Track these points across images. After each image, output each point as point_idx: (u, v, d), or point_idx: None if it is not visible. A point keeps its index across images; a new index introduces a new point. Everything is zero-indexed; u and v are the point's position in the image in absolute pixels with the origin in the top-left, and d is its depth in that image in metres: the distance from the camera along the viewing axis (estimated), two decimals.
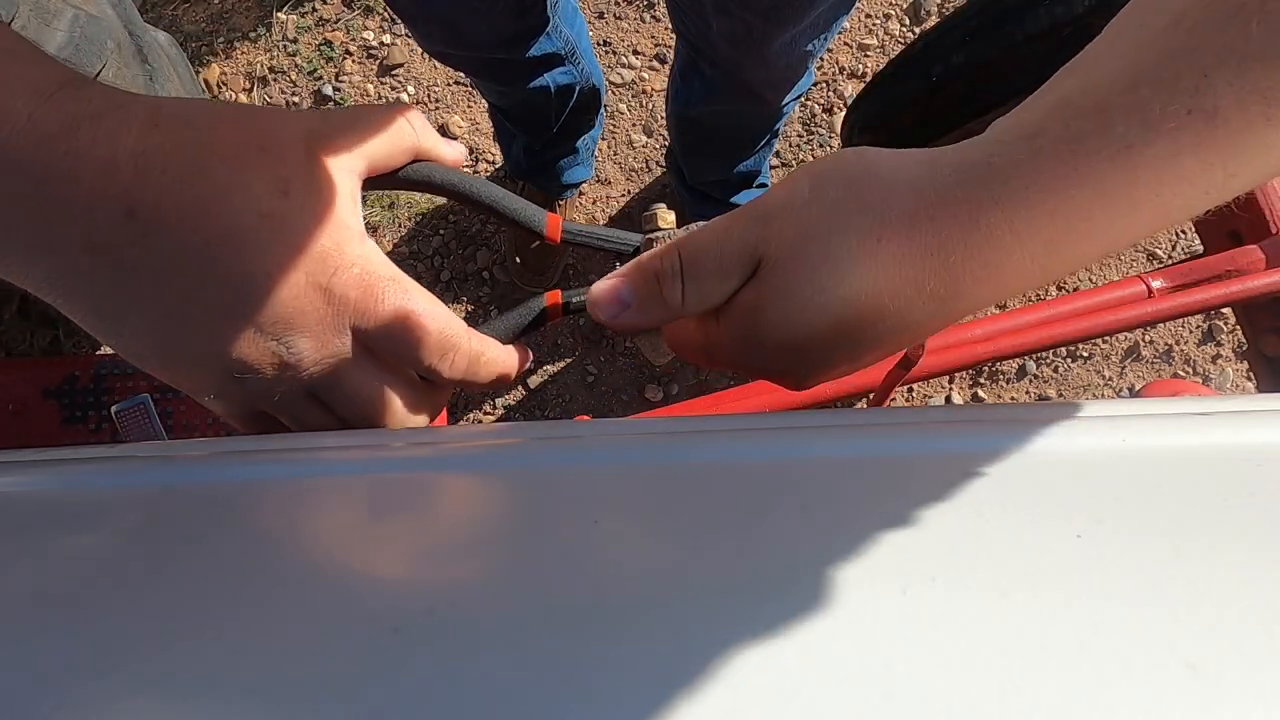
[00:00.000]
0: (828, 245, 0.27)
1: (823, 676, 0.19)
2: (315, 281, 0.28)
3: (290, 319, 0.28)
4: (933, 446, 0.29)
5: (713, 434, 0.30)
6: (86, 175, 0.25)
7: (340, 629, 0.21)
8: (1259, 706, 0.18)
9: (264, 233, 0.27)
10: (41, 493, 0.30)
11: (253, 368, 0.29)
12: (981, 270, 0.26)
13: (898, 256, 0.26)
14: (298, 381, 0.30)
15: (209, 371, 0.29)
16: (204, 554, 0.25)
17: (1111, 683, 0.18)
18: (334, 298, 0.29)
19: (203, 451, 0.33)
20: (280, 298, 0.28)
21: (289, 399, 0.31)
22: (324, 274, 0.29)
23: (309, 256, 0.28)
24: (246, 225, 0.27)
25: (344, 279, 0.29)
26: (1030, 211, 0.24)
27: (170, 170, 0.26)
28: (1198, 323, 1.38)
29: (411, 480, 0.30)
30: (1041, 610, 0.20)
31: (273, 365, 0.29)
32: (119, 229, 0.26)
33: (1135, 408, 0.31)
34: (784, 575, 0.22)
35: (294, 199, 0.28)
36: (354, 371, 0.31)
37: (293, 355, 0.29)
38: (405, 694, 0.19)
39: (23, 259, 0.26)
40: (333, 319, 0.29)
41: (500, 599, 0.22)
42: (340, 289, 0.29)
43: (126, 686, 0.20)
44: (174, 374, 0.30)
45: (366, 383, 0.31)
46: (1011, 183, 0.24)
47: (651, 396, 1.34)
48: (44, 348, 1.30)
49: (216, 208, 0.27)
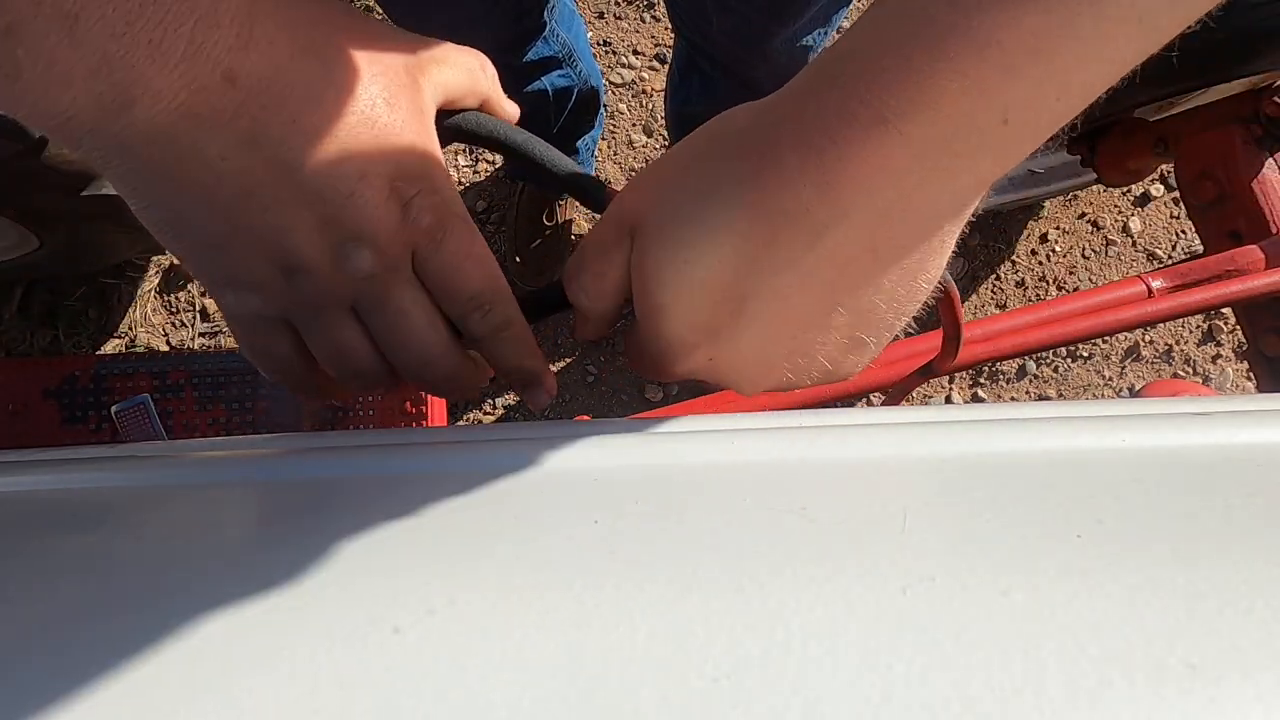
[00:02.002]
0: (678, 201, 0.27)
1: (822, 676, 0.19)
2: (398, 196, 0.28)
3: (362, 226, 0.28)
4: (932, 447, 0.29)
5: (713, 434, 0.30)
6: (182, 23, 0.23)
7: (340, 629, 0.21)
8: (1259, 706, 0.18)
9: (363, 135, 0.27)
10: (41, 492, 0.30)
11: (309, 265, 0.28)
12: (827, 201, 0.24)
13: (748, 201, 0.25)
14: (346, 290, 0.30)
15: (263, 258, 0.28)
16: (203, 553, 0.25)
17: (1111, 683, 0.18)
18: (410, 217, 0.29)
19: (203, 452, 0.33)
20: (360, 203, 0.27)
21: (330, 311, 0.30)
22: (408, 192, 0.28)
23: (399, 171, 0.28)
24: (347, 124, 0.27)
25: (424, 202, 0.29)
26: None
27: (279, 42, 0.25)
28: (1198, 323, 1.38)
29: (412, 479, 0.30)
30: (1041, 610, 0.20)
31: (330, 266, 0.28)
32: (213, 93, 0.24)
33: (1135, 408, 0.31)
34: (783, 575, 0.22)
35: (396, 112, 0.28)
36: (403, 290, 0.31)
37: (353, 261, 0.28)
38: (405, 693, 0.19)
39: (96, 118, 0.23)
40: (403, 237, 0.29)
41: (501, 599, 0.22)
42: (417, 211, 0.29)
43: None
44: (223, 254, 0.28)
45: (409, 307, 0.31)
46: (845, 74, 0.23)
47: (651, 396, 1.34)
48: (44, 348, 1.30)
49: (325, 94, 0.26)
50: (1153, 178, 1.39)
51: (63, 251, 1.10)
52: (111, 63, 0.22)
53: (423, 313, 0.31)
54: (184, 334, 1.34)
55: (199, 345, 1.34)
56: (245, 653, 0.20)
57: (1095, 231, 1.40)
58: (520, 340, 0.34)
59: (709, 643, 0.20)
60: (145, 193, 0.27)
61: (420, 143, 0.29)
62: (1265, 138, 0.80)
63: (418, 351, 0.32)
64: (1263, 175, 0.80)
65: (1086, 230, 1.40)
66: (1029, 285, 1.39)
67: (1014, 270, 1.39)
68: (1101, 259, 1.40)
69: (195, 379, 0.88)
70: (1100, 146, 0.90)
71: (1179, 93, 0.75)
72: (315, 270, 0.28)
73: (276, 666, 0.20)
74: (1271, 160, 0.80)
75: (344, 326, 0.31)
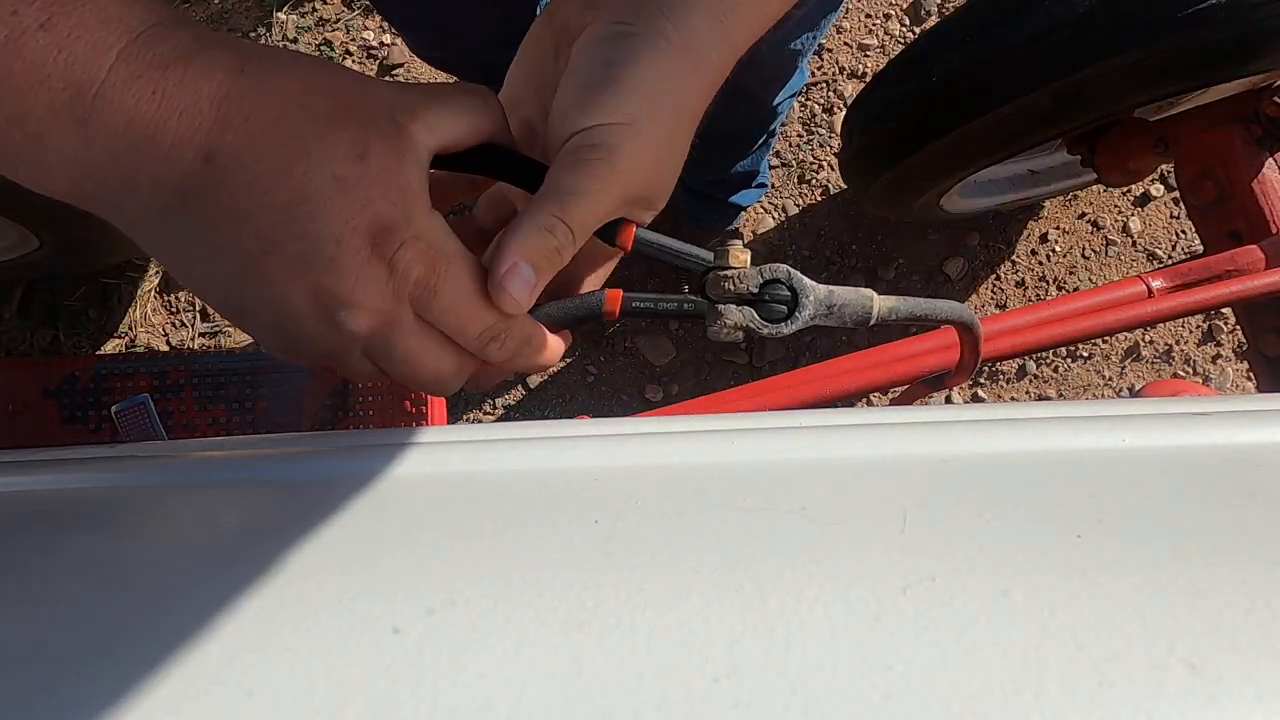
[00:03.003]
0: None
1: (823, 676, 0.19)
2: (380, 253, 0.29)
3: (349, 290, 0.29)
4: (932, 447, 0.29)
5: (713, 434, 0.30)
6: (171, 117, 0.26)
7: (340, 629, 0.21)
8: (1259, 706, 0.18)
9: (336, 196, 0.27)
10: (41, 492, 0.30)
11: (309, 334, 0.30)
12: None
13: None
14: (353, 344, 0.31)
15: (270, 327, 0.30)
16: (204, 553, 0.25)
17: (1111, 683, 0.18)
18: (396, 272, 0.29)
19: (203, 452, 0.33)
20: (341, 268, 0.28)
21: (343, 355, 0.32)
22: (389, 246, 0.29)
23: (377, 226, 0.28)
24: (320, 187, 0.27)
25: (408, 254, 0.29)
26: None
27: (253, 119, 0.26)
28: (1198, 323, 1.38)
29: (412, 479, 0.30)
30: (1041, 610, 0.20)
31: (328, 330, 0.30)
32: (198, 176, 0.26)
33: (1135, 408, 0.31)
34: (783, 575, 0.22)
35: (371, 164, 0.28)
36: (408, 339, 0.31)
37: (348, 326, 0.29)
38: (405, 692, 0.19)
39: (110, 200, 0.27)
40: (393, 292, 0.29)
41: (501, 599, 0.22)
42: (404, 264, 0.29)
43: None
44: (239, 322, 0.31)
45: (417, 350, 0.32)
46: None
47: (651, 396, 1.34)
48: (44, 348, 1.30)
49: (294, 163, 0.27)
50: (1153, 178, 1.39)
51: (63, 251, 1.10)
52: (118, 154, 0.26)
53: (428, 353, 0.32)
54: (184, 334, 1.34)
55: (199, 345, 1.34)
56: (245, 652, 0.20)
57: (1095, 231, 1.40)
58: (539, 349, 0.34)
59: (709, 643, 0.20)
60: (173, 270, 0.30)
61: (397, 191, 0.29)
62: (1265, 138, 0.80)
63: (433, 383, 0.33)
64: (1263, 175, 0.80)
65: (1086, 230, 1.40)
66: (1029, 285, 1.39)
67: (1014, 270, 1.39)
68: (1101, 259, 1.40)
69: (195, 379, 0.88)
70: (1100, 146, 0.90)
71: (1179, 93, 0.75)
72: (317, 337, 0.30)
73: (277, 666, 0.20)
74: (1271, 160, 0.80)
75: (362, 365, 0.32)
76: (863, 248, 1.37)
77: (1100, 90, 0.74)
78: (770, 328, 0.34)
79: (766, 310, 0.35)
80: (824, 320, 0.35)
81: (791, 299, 0.35)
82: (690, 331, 1.32)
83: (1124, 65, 0.71)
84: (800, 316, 0.35)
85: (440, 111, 0.31)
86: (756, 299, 0.35)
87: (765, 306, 0.35)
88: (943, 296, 1.36)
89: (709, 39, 0.32)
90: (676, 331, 1.33)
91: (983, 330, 0.44)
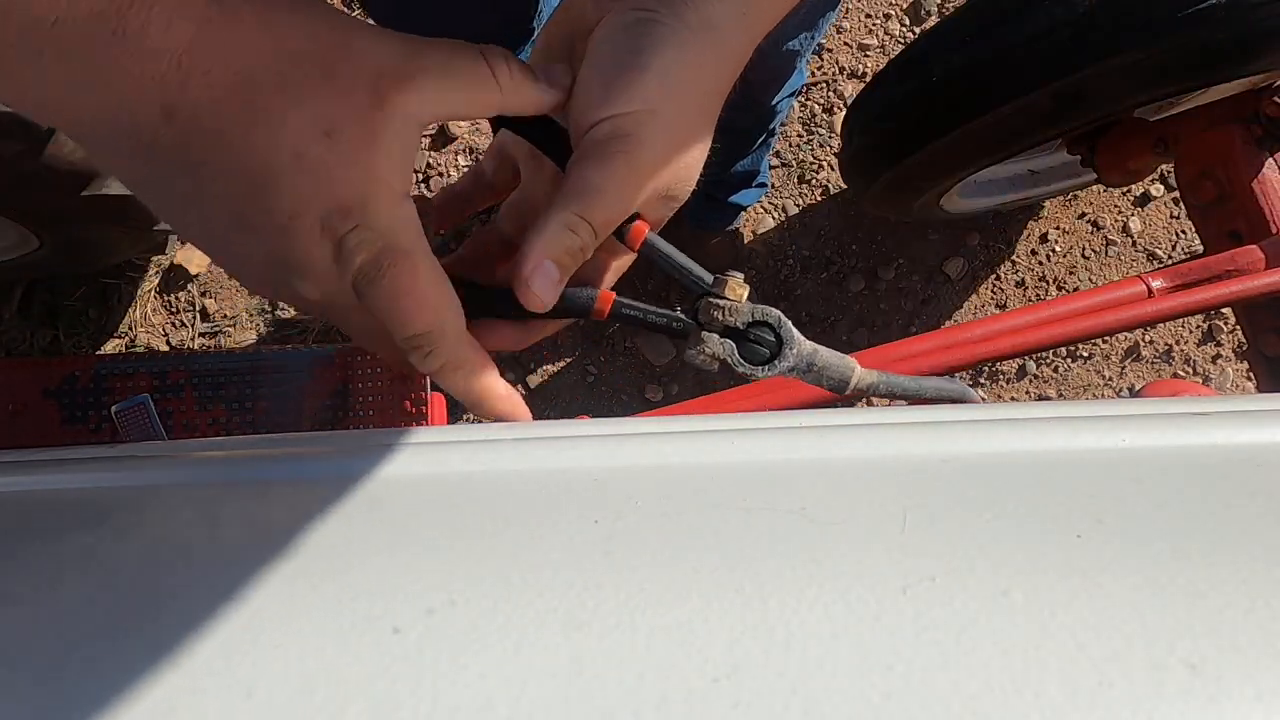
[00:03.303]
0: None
1: (823, 676, 0.19)
2: (330, 232, 0.28)
3: (299, 262, 0.28)
4: (932, 447, 0.29)
5: (713, 434, 0.30)
6: (130, 63, 0.23)
7: (340, 629, 0.21)
8: (1259, 706, 0.18)
9: (293, 174, 0.26)
10: (41, 492, 0.30)
11: (271, 293, 0.31)
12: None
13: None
14: (313, 308, 0.31)
15: (245, 276, 0.31)
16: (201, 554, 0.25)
17: (1111, 683, 0.18)
18: (342, 255, 0.28)
19: (203, 452, 0.33)
20: (293, 241, 0.27)
21: (316, 312, 0.32)
22: (341, 227, 0.28)
23: (332, 207, 0.27)
24: (278, 161, 0.26)
25: (356, 239, 0.28)
26: None
27: (215, 74, 0.25)
28: (1198, 323, 1.38)
29: (412, 479, 0.30)
30: (1041, 610, 0.20)
31: (286, 295, 0.30)
32: (156, 129, 0.25)
33: (1135, 408, 0.31)
34: (783, 575, 0.22)
35: (337, 143, 0.27)
36: (351, 315, 0.31)
37: (298, 291, 0.29)
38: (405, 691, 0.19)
39: (89, 139, 0.26)
40: (337, 272, 0.29)
41: (501, 599, 0.22)
42: (350, 248, 0.28)
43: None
44: (222, 266, 0.31)
45: (361, 328, 0.32)
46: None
47: (651, 396, 1.34)
48: (44, 348, 1.30)
49: (254, 132, 0.26)
50: (1153, 178, 1.39)
51: (63, 251, 1.10)
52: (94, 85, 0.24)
53: (371, 335, 0.32)
54: (184, 334, 1.34)
55: (199, 345, 1.34)
56: (244, 652, 0.20)
57: (1095, 231, 1.40)
58: (476, 375, 0.33)
59: (709, 643, 0.20)
60: (156, 212, 0.29)
61: (360, 174, 0.27)
62: (1265, 138, 0.80)
63: (389, 356, 0.33)
64: (1263, 175, 0.80)
65: (1086, 230, 1.40)
66: (1029, 285, 1.39)
67: (1014, 270, 1.39)
68: (1101, 259, 1.40)
69: (195, 379, 0.88)
70: (1100, 146, 0.90)
71: (1179, 93, 0.75)
72: (278, 296, 0.30)
73: (276, 665, 0.20)
74: (1271, 160, 0.80)
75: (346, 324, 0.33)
76: (863, 248, 1.37)
77: (1100, 90, 0.74)
78: (746, 367, 0.35)
79: (748, 350, 0.35)
80: (801, 376, 0.36)
81: (775, 345, 0.35)
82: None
83: (1124, 65, 0.71)
84: (779, 365, 0.35)
85: (438, 81, 0.29)
86: (741, 335, 0.35)
87: (748, 346, 0.35)
88: (943, 297, 1.37)
89: (730, 24, 0.31)
90: None
91: (977, 398, 0.44)
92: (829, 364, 0.36)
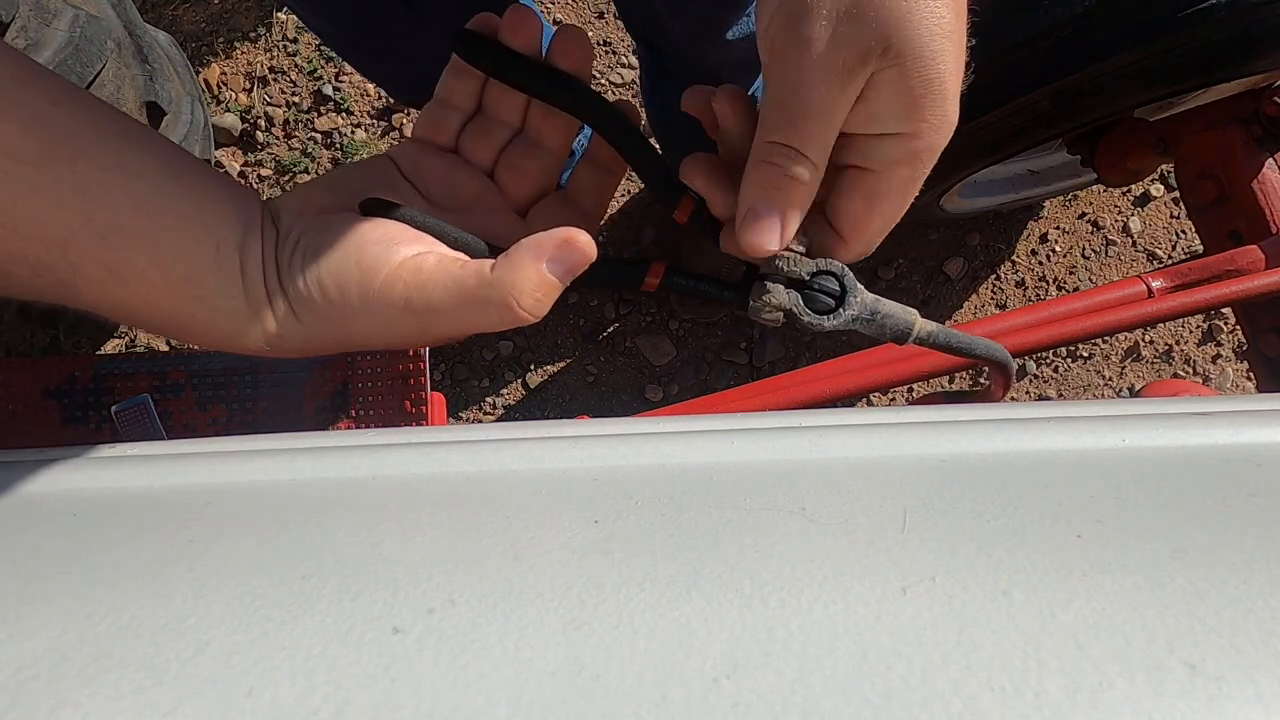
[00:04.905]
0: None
1: (822, 676, 0.19)
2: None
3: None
4: (932, 447, 0.29)
5: (713, 434, 0.30)
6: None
7: (340, 629, 0.21)
8: (1259, 706, 0.18)
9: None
10: (41, 492, 0.30)
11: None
12: None
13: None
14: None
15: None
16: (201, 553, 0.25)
17: (1111, 683, 0.18)
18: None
19: (203, 451, 0.33)
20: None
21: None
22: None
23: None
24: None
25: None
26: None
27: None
28: (1198, 323, 1.38)
29: (412, 479, 0.29)
30: (1041, 610, 0.20)
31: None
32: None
33: (1135, 408, 0.31)
34: (783, 575, 0.22)
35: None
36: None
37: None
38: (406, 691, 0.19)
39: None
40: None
41: (501, 599, 0.22)
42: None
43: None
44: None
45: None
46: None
47: (651, 396, 1.34)
48: (44, 348, 1.30)
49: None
50: (1153, 178, 1.39)
51: None
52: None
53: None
54: None
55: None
56: (245, 652, 0.20)
57: (1095, 231, 1.40)
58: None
59: (709, 643, 0.20)
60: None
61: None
62: (1265, 138, 0.80)
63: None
64: (1263, 175, 0.80)
65: (1086, 230, 1.40)
66: (1029, 285, 1.39)
67: (1014, 270, 1.39)
68: (1101, 259, 1.40)
69: (195, 379, 0.88)
70: (1100, 146, 0.90)
71: (1179, 93, 0.75)
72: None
73: (276, 666, 0.20)
74: (1271, 160, 0.80)
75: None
76: None
77: (1100, 90, 0.74)
78: (813, 317, 0.34)
79: (812, 299, 0.34)
80: (864, 326, 0.35)
81: (840, 294, 0.34)
82: (690, 331, 1.32)
83: (1124, 65, 0.71)
84: (844, 314, 0.34)
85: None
86: (805, 285, 0.34)
87: (812, 296, 0.34)
88: (943, 297, 1.37)
89: None
90: (676, 331, 1.33)
91: (1013, 365, 0.44)
92: (892, 313, 0.35)
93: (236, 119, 1.41)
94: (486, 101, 0.38)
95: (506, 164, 0.38)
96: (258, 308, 0.31)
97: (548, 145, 0.38)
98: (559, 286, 0.30)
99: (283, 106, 1.44)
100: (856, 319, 0.34)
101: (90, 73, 0.88)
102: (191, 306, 0.30)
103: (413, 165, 0.37)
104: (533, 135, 0.38)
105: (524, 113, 0.38)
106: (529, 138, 0.38)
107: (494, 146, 0.38)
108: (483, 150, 0.38)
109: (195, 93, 1.22)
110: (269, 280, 0.31)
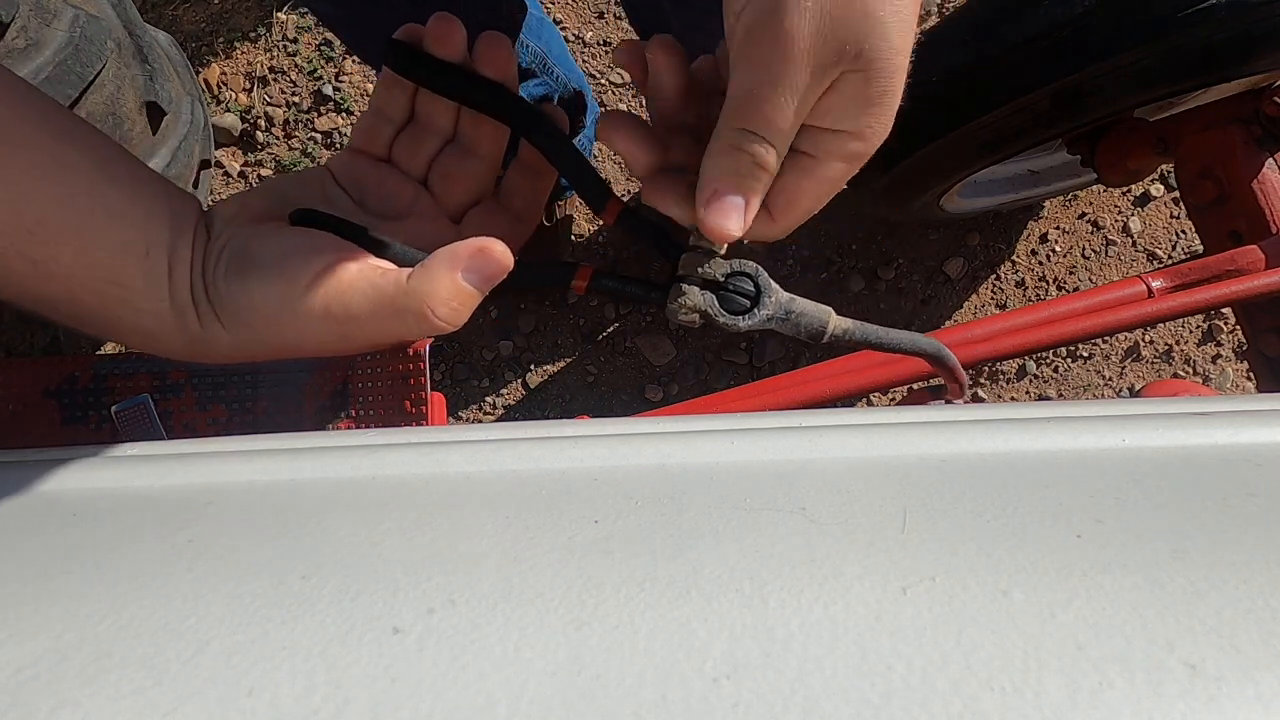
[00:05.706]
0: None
1: (822, 676, 0.19)
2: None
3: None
4: (932, 447, 0.29)
5: (713, 434, 0.30)
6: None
7: (340, 629, 0.21)
8: (1259, 706, 0.18)
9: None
10: (41, 492, 0.30)
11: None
12: None
13: None
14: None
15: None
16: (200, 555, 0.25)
17: (1111, 683, 0.18)
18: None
19: (203, 451, 0.33)
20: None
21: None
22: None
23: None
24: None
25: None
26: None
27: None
28: (1198, 323, 1.38)
29: (412, 479, 0.29)
30: (1041, 610, 0.20)
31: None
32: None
33: (1135, 408, 0.31)
34: (783, 575, 0.22)
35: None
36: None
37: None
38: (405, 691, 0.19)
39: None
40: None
41: (501, 599, 0.22)
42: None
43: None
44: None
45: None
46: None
47: (651, 396, 1.34)
48: (44, 348, 1.30)
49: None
50: (1153, 178, 1.39)
51: None
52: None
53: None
54: None
55: None
56: (244, 652, 0.20)
57: (1095, 231, 1.40)
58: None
59: (709, 643, 0.20)
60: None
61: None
62: (1265, 138, 0.80)
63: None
64: (1263, 175, 0.80)
65: (1086, 230, 1.40)
66: (1029, 285, 1.39)
67: (1014, 270, 1.39)
68: (1101, 259, 1.40)
69: (195, 379, 0.88)
70: (1100, 146, 0.90)
71: (1179, 93, 0.75)
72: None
73: (276, 666, 0.20)
74: (1271, 160, 0.80)
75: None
76: (863, 247, 1.37)
77: (1100, 90, 0.74)
78: (728, 318, 0.34)
79: (727, 300, 0.35)
80: (779, 326, 0.36)
81: (754, 294, 0.35)
82: (690, 331, 1.32)
83: (1124, 65, 0.71)
84: (759, 314, 0.35)
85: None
86: (720, 287, 0.35)
87: (727, 296, 0.35)
88: (943, 297, 1.37)
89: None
90: (676, 331, 1.33)
91: (953, 355, 0.44)
92: (805, 312, 0.36)
93: (236, 119, 1.41)
94: (419, 110, 0.38)
95: (439, 171, 0.39)
96: (183, 312, 0.32)
97: (480, 152, 0.39)
98: (476, 295, 0.31)
99: (283, 106, 1.44)
100: (771, 318, 0.35)
101: (90, 73, 0.88)
102: (116, 307, 0.31)
103: (348, 175, 0.38)
104: (465, 142, 0.39)
105: (455, 120, 0.38)
106: (461, 145, 0.39)
107: (426, 154, 0.39)
108: (415, 158, 0.39)
109: (195, 93, 1.22)
110: (195, 286, 0.32)
